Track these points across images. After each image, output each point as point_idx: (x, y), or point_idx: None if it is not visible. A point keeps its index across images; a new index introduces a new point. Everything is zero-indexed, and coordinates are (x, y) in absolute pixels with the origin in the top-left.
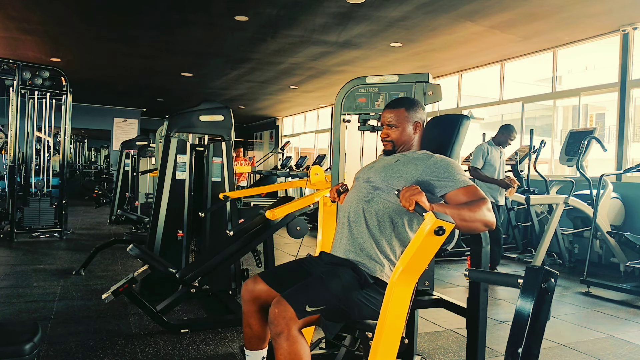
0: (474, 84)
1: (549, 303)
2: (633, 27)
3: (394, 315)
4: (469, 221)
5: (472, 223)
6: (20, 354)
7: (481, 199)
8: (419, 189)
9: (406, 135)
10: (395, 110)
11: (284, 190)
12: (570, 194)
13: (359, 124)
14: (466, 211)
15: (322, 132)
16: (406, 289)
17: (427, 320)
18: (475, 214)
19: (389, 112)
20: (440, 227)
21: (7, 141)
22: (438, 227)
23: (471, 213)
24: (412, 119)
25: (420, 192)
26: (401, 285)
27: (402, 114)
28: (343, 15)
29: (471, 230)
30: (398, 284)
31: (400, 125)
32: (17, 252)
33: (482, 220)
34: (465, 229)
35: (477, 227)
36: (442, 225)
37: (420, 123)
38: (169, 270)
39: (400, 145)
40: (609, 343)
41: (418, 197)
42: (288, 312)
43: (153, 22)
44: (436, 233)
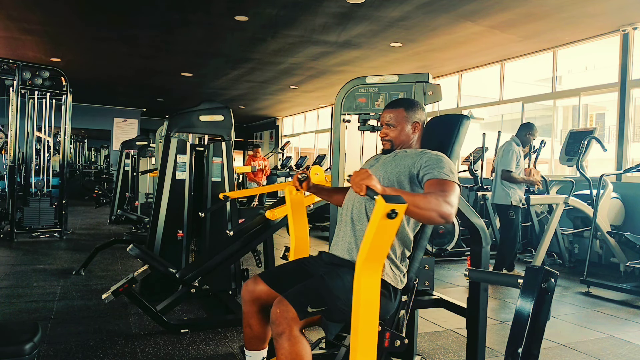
0: (474, 84)
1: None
2: (633, 27)
3: (367, 302)
4: (422, 209)
5: (426, 211)
6: (20, 354)
7: (444, 192)
8: (368, 172)
9: (404, 135)
10: (394, 110)
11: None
12: (570, 194)
13: (359, 124)
14: (421, 199)
15: (322, 132)
16: (374, 275)
17: (427, 320)
18: (430, 203)
19: (388, 112)
20: (392, 211)
21: (7, 141)
22: (390, 210)
23: (426, 201)
24: (410, 119)
25: (370, 176)
26: (368, 272)
27: (401, 113)
28: (343, 15)
29: (425, 219)
30: (363, 272)
31: (398, 125)
32: (17, 252)
33: (436, 210)
34: (419, 216)
35: (432, 216)
36: (394, 209)
37: (420, 123)
38: (169, 270)
39: (399, 144)
40: (609, 343)
41: (367, 181)
42: (290, 312)
43: (153, 22)
44: (389, 217)
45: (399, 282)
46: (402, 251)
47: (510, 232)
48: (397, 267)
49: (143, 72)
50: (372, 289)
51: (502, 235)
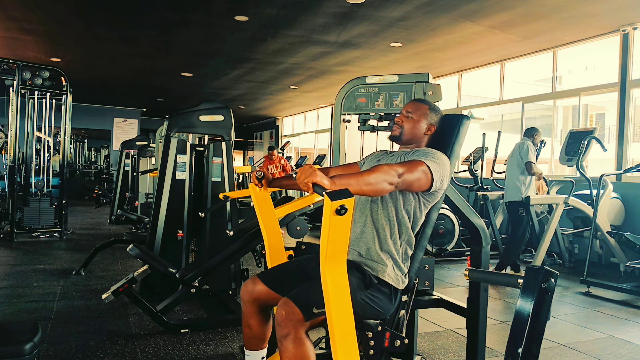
0: (474, 84)
1: (549, 303)
2: (633, 27)
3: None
4: (373, 184)
5: (378, 184)
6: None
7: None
8: (312, 168)
9: (417, 129)
10: (419, 104)
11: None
12: (570, 194)
13: (359, 124)
14: (369, 174)
15: (322, 132)
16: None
17: (427, 320)
18: (379, 174)
19: (412, 104)
20: (341, 206)
21: (7, 141)
22: (339, 206)
23: (375, 175)
24: (430, 118)
25: (314, 172)
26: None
27: (424, 109)
28: (343, 15)
29: (379, 191)
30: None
31: (417, 118)
32: (17, 252)
33: (385, 179)
34: (373, 192)
35: (384, 187)
36: (342, 204)
37: (434, 127)
38: (169, 270)
39: (408, 136)
40: (609, 343)
41: (312, 177)
42: (295, 314)
43: (153, 22)
44: (338, 212)
45: (400, 282)
46: (405, 250)
47: (519, 230)
48: (399, 268)
49: (143, 72)
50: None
51: (511, 233)
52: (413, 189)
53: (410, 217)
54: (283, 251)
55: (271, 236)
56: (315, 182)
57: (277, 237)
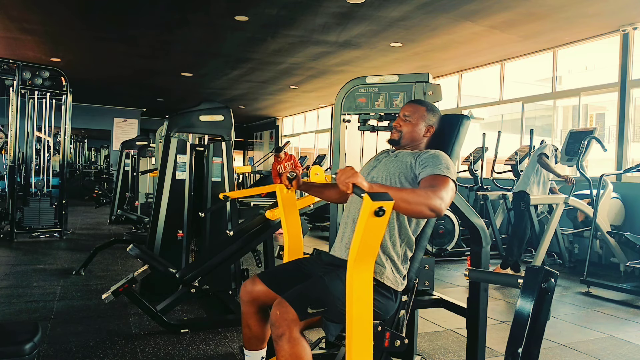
0: (474, 84)
1: (549, 303)
2: (633, 27)
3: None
4: (412, 204)
5: (416, 206)
6: (20, 354)
7: (435, 186)
8: (353, 169)
9: (416, 132)
10: (416, 106)
11: None
12: (570, 194)
13: (359, 124)
14: (409, 193)
15: (322, 132)
16: (365, 274)
17: (427, 320)
18: (420, 197)
19: (409, 106)
20: (380, 208)
21: (7, 141)
22: (377, 208)
23: (415, 196)
24: (428, 120)
25: (355, 174)
26: (359, 271)
27: (421, 111)
28: (343, 15)
29: (415, 213)
30: (355, 271)
31: (414, 121)
32: (17, 252)
33: (425, 203)
34: (409, 211)
35: (421, 210)
36: (381, 206)
37: (433, 128)
38: (169, 270)
39: (408, 139)
40: (609, 343)
41: (353, 178)
42: (289, 314)
43: (153, 22)
44: (376, 214)
45: (399, 284)
46: (405, 252)
47: (520, 225)
48: (398, 270)
49: (143, 72)
50: (365, 288)
51: (513, 228)
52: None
53: (412, 220)
54: (302, 254)
55: (292, 239)
56: (356, 183)
57: (298, 240)
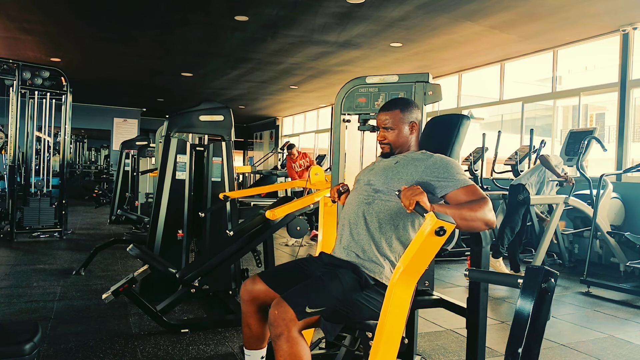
0: (474, 84)
1: (549, 303)
2: (633, 27)
3: (394, 315)
4: (469, 220)
5: (473, 222)
6: (20, 354)
7: (482, 198)
8: (420, 189)
9: (403, 137)
10: (390, 112)
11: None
12: (570, 194)
13: (359, 124)
14: (467, 211)
15: (322, 132)
16: (406, 290)
17: (427, 320)
18: (476, 213)
19: (383, 115)
20: (441, 228)
21: (7, 141)
22: (439, 227)
23: (472, 212)
24: (407, 119)
25: (422, 192)
26: (402, 285)
27: (397, 115)
28: (343, 15)
29: (472, 229)
30: (399, 284)
31: (396, 127)
32: (17, 252)
33: (482, 219)
34: (466, 228)
35: (478, 226)
36: (442, 226)
37: (417, 123)
38: (169, 270)
39: (398, 147)
40: (609, 343)
41: (419, 197)
42: (288, 313)
43: (153, 22)
44: (437, 233)
45: None
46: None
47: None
48: None
49: (143, 72)
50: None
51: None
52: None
53: (408, 219)
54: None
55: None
56: (420, 202)
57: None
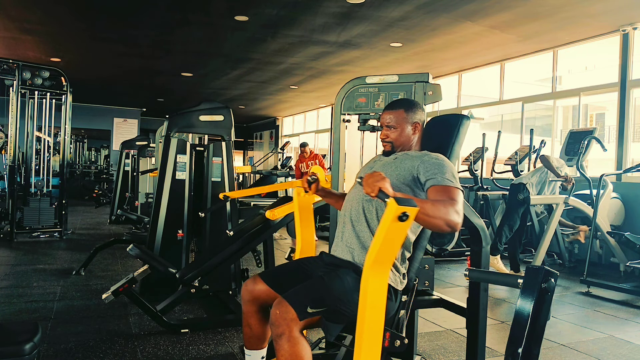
0: (474, 84)
1: (549, 303)
2: (633, 27)
3: (373, 306)
4: (430, 216)
5: (434, 219)
6: (20, 354)
7: (452, 199)
8: (382, 174)
9: (405, 136)
10: (394, 112)
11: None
12: (570, 194)
13: (359, 124)
14: (429, 206)
15: (322, 132)
16: (381, 278)
17: (427, 320)
18: (438, 211)
19: (387, 114)
20: (404, 213)
21: (7, 141)
22: (402, 213)
23: (434, 209)
24: (410, 119)
25: (384, 178)
26: (374, 274)
27: (401, 114)
28: (343, 15)
29: (432, 226)
30: (371, 273)
31: (399, 127)
32: (17, 252)
33: (444, 218)
34: (427, 224)
35: (439, 224)
36: (405, 211)
37: (420, 124)
38: (169, 270)
39: (399, 146)
40: (609, 343)
41: (381, 183)
42: (289, 313)
43: (153, 22)
44: (400, 219)
45: (399, 283)
46: (402, 253)
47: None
48: (397, 269)
49: (143, 72)
50: (379, 292)
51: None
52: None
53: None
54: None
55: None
56: (382, 188)
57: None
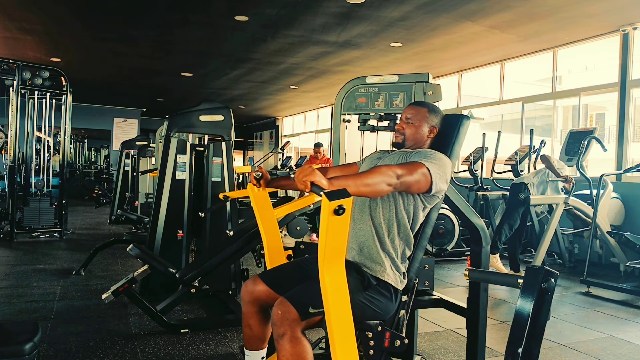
0: (474, 84)
1: (549, 303)
2: (633, 27)
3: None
4: (371, 185)
5: (375, 186)
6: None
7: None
8: (311, 168)
9: (420, 135)
10: (418, 108)
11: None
12: (570, 194)
13: (359, 124)
14: (368, 175)
15: (322, 132)
16: (337, 272)
17: (427, 320)
18: (377, 176)
19: (411, 109)
20: (339, 206)
21: (7, 141)
22: (337, 206)
23: (373, 176)
24: (430, 121)
25: (313, 172)
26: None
27: (423, 112)
28: (343, 15)
29: (376, 193)
30: (326, 271)
31: (417, 123)
32: (17, 252)
33: (384, 181)
34: (371, 194)
35: (382, 188)
36: (340, 204)
37: (436, 129)
38: (169, 270)
39: (412, 141)
40: (609, 343)
41: (311, 177)
42: (291, 313)
43: (153, 22)
44: (336, 213)
45: (399, 282)
46: (403, 251)
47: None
48: (397, 268)
49: (143, 72)
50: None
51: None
52: (412, 191)
53: (410, 217)
54: (282, 251)
55: (270, 237)
56: (314, 182)
57: (276, 238)
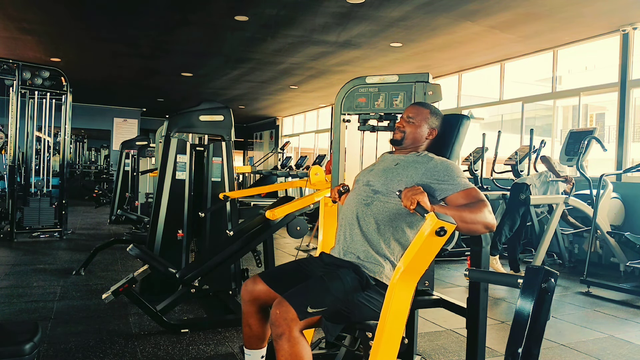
0: (474, 84)
1: (549, 303)
2: (633, 27)
3: (395, 316)
4: (469, 223)
5: (473, 225)
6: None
7: (481, 201)
8: (421, 189)
9: (419, 134)
10: (420, 108)
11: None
12: (570, 194)
13: (359, 124)
14: (467, 213)
15: (322, 132)
16: (407, 290)
17: (427, 320)
18: (476, 215)
19: (413, 108)
20: (441, 228)
21: (7, 141)
22: (439, 227)
23: (472, 215)
24: (431, 123)
25: (423, 193)
26: (402, 285)
27: (425, 113)
28: (343, 15)
29: (472, 231)
30: (399, 284)
31: (418, 123)
32: (17, 252)
33: (482, 222)
34: (466, 230)
35: (478, 229)
36: (443, 226)
37: (436, 131)
38: (169, 270)
39: (410, 140)
40: (609, 343)
41: (420, 197)
42: (289, 313)
43: (153, 22)
44: (437, 234)
45: None
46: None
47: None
48: None
49: (143, 72)
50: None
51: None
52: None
53: (412, 224)
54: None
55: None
56: (421, 202)
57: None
